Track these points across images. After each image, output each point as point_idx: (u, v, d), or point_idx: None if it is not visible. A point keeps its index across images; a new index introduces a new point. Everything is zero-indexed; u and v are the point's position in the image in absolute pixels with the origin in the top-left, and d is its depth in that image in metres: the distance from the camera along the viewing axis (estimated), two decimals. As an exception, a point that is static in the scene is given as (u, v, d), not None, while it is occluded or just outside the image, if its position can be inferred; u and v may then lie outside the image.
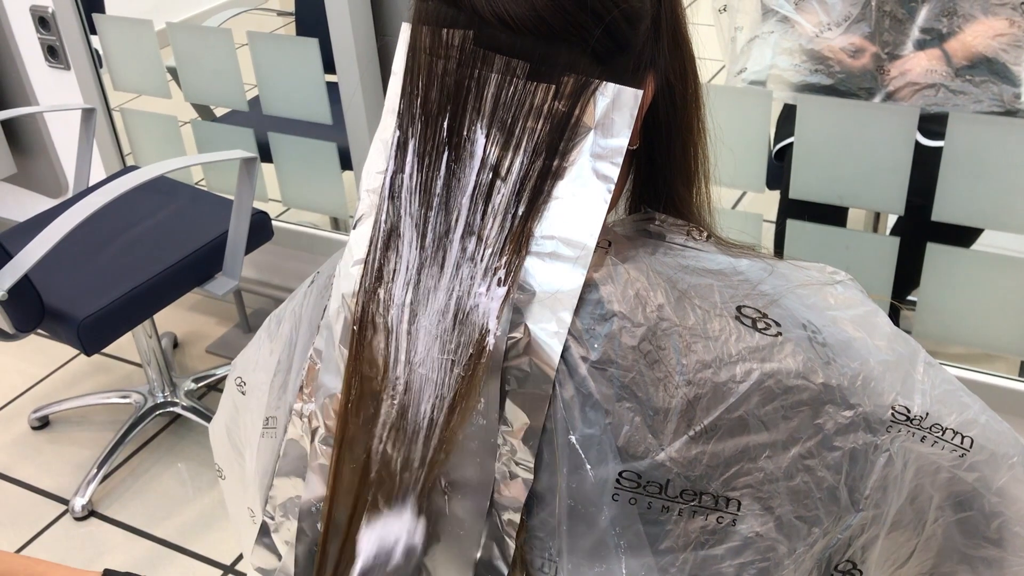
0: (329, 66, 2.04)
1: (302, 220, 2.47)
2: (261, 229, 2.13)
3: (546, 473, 0.66)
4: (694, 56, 0.71)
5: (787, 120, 2.00)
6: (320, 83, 2.08)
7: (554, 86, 0.63)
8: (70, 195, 2.32)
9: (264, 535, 0.81)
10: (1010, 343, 1.68)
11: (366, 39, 1.98)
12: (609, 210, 0.66)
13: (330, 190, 2.24)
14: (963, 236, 1.74)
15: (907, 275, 1.74)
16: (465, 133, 0.64)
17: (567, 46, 0.62)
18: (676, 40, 0.69)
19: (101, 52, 2.38)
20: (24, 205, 2.86)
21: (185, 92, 2.31)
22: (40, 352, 2.59)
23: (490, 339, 0.64)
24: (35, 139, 2.74)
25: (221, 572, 1.99)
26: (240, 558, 2.01)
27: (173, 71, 2.30)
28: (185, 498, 2.16)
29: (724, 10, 2.03)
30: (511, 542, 0.67)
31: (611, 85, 0.63)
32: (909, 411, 0.68)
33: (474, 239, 0.65)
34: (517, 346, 0.64)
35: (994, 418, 0.74)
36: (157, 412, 2.30)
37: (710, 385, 0.64)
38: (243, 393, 0.91)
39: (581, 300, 0.64)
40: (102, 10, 2.44)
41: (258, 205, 2.11)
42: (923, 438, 0.69)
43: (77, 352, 2.49)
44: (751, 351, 0.64)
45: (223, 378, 2.44)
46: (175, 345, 2.63)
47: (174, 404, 2.31)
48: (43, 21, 2.44)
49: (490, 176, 0.64)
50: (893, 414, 0.68)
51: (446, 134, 0.65)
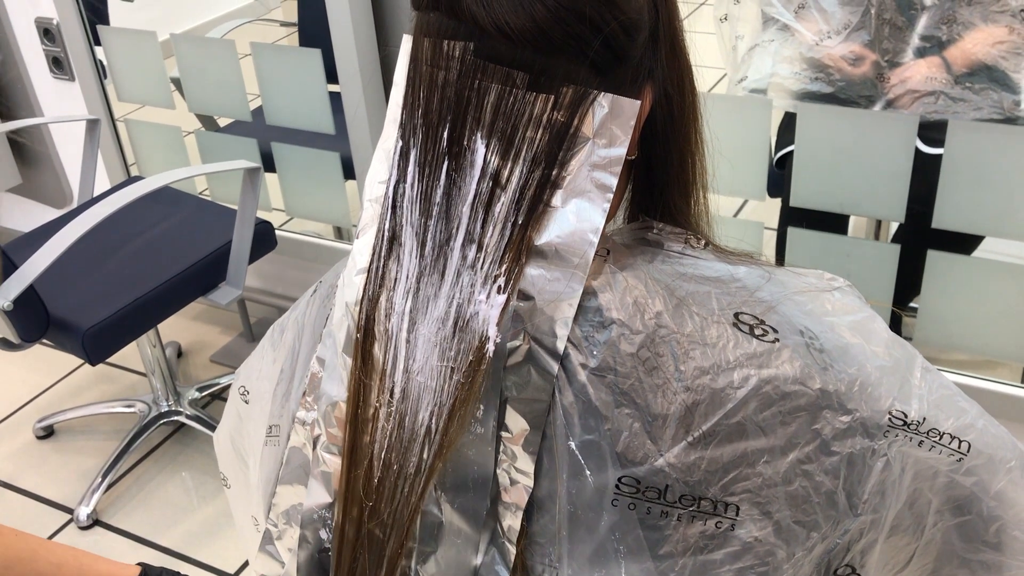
0: (332, 76, 2.05)
1: (305, 229, 2.48)
2: (265, 239, 2.14)
3: (546, 479, 0.67)
4: (691, 67, 0.72)
5: (788, 128, 2.01)
6: (323, 93, 2.09)
7: (553, 96, 0.63)
8: (75, 205, 2.34)
9: (267, 542, 0.82)
10: (1011, 350, 1.68)
11: (368, 49, 1.99)
12: (608, 219, 0.67)
13: (333, 200, 2.25)
14: (964, 243, 1.74)
15: (908, 282, 1.74)
16: (465, 143, 0.65)
17: (566, 57, 0.63)
18: (674, 51, 0.70)
19: (105, 63, 2.39)
20: (29, 215, 2.88)
21: (189, 103, 2.32)
22: (45, 362, 2.60)
23: (490, 346, 0.65)
24: (40, 150, 2.75)
25: (225, 581, 2.00)
26: (244, 566, 2.01)
27: (177, 82, 2.32)
28: (189, 507, 2.17)
29: (725, 19, 2.04)
30: (512, 548, 0.68)
31: (609, 96, 0.64)
32: (906, 416, 0.69)
33: (474, 247, 0.66)
34: (517, 353, 0.65)
35: (991, 422, 0.75)
36: (161, 421, 2.31)
37: (708, 391, 0.64)
38: (247, 402, 0.92)
39: (580, 308, 0.65)
40: (106, 22, 2.46)
41: (261, 215, 2.12)
42: (921, 443, 0.70)
43: (82, 362, 2.50)
44: (749, 357, 0.65)
45: (227, 387, 2.45)
46: (179, 354, 2.64)
47: (178, 413, 2.32)
48: (48, 33, 2.46)
49: (490, 185, 0.65)
50: (890, 419, 0.68)
51: (446, 144, 0.66)
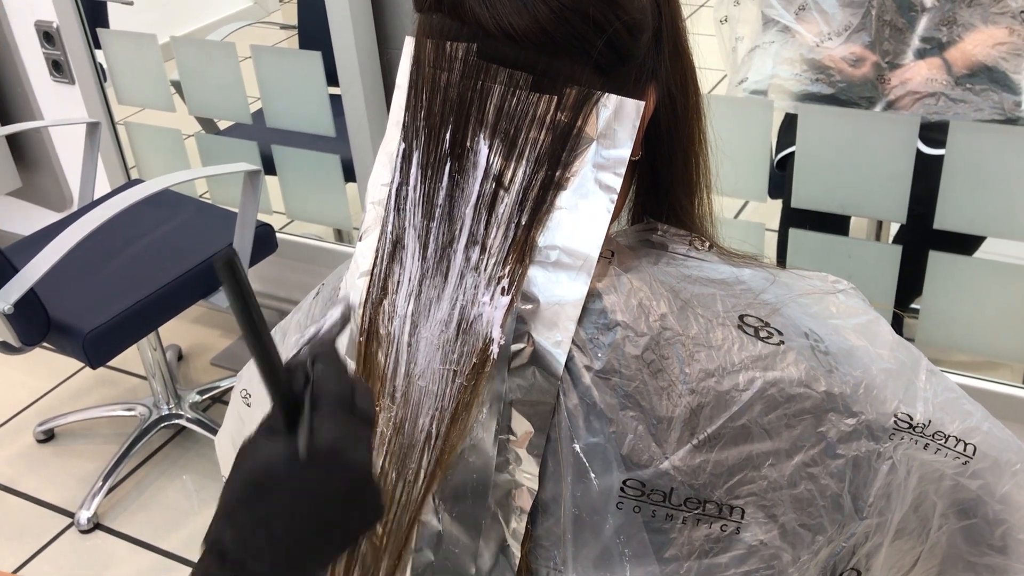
0: (332, 79, 2.05)
1: (306, 232, 2.48)
2: (265, 241, 2.14)
3: (551, 482, 0.66)
4: (695, 67, 0.72)
5: (788, 129, 2.01)
6: (323, 96, 2.09)
7: (556, 97, 0.63)
8: (75, 208, 2.33)
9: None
10: (1013, 350, 1.68)
11: (369, 52, 1.99)
12: (612, 220, 0.66)
13: (334, 202, 2.25)
14: (965, 244, 1.74)
15: (910, 283, 1.74)
16: (468, 144, 0.65)
17: (569, 58, 0.63)
18: (677, 51, 0.69)
19: (105, 66, 2.39)
20: (29, 219, 2.87)
21: (189, 105, 2.32)
22: (45, 365, 2.59)
23: (494, 348, 0.65)
24: (40, 153, 2.75)
25: (226, 584, 1.99)
26: (245, 570, 2.00)
27: (177, 84, 2.32)
28: (190, 510, 2.17)
29: (725, 21, 2.04)
30: (517, 552, 0.68)
31: (613, 96, 0.64)
32: (912, 419, 0.69)
33: (477, 249, 0.65)
34: (521, 355, 0.65)
35: (997, 425, 0.75)
36: (162, 424, 2.30)
37: (713, 394, 0.64)
38: (248, 405, 0.92)
39: (584, 310, 0.65)
40: (106, 25, 2.46)
41: (262, 217, 2.11)
42: (926, 446, 0.70)
43: (82, 365, 2.50)
44: (754, 360, 0.65)
45: (228, 390, 2.44)
46: (180, 357, 2.63)
47: (179, 416, 2.32)
48: (48, 36, 2.45)
49: (493, 186, 0.65)
50: (896, 422, 0.68)
51: (449, 145, 0.65)
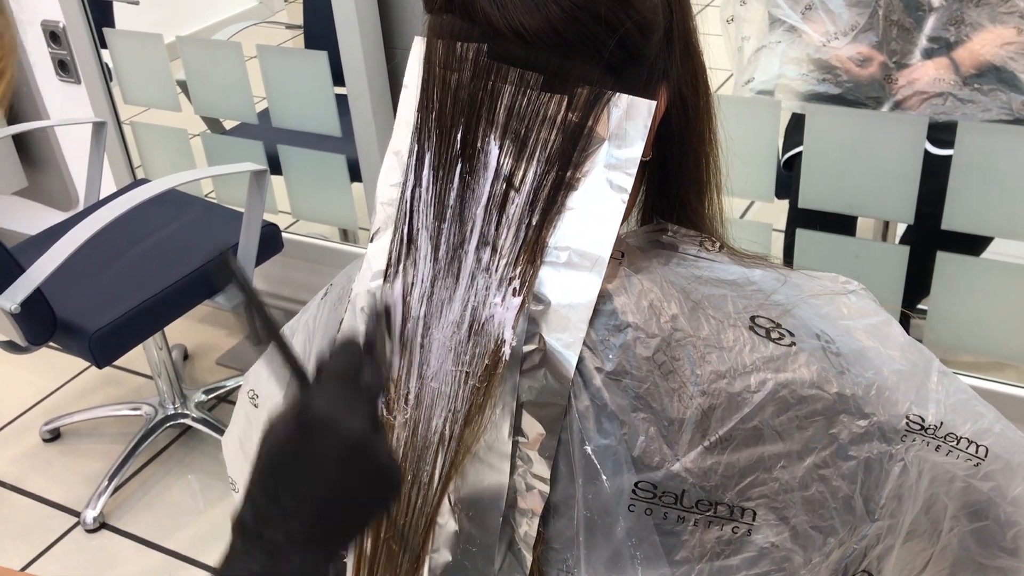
0: (338, 78, 2.05)
1: (312, 232, 2.48)
2: (271, 241, 2.14)
3: (562, 484, 0.66)
4: (706, 67, 0.72)
5: (795, 129, 2.00)
6: (329, 95, 2.09)
7: (567, 97, 0.63)
8: (81, 208, 2.33)
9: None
10: (1021, 351, 1.67)
11: (375, 51, 1.99)
12: (623, 220, 0.66)
13: (339, 202, 2.25)
14: (972, 244, 1.74)
15: (917, 284, 1.73)
16: (479, 145, 0.65)
17: (581, 58, 0.62)
18: (688, 51, 0.69)
19: (111, 66, 2.39)
20: (35, 218, 2.88)
21: (195, 105, 2.32)
22: (51, 364, 2.60)
23: (506, 349, 0.64)
24: (46, 153, 2.75)
25: (232, 584, 1.99)
26: (251, 570, 2.00)
27: (183, 84, 2.32)
28: (196, 510, 2.17)
29: (731, 20, 2.04)
30: (528, 554, 0.68)
31: (624, 96, 0.64)
32: (923, 420, 0.68)
33: (489, 249, 0.65)
34: (532, 357, 0.65)
35: (1009, 427, 0.74)
36: (168, 424, 2.30)
37: (724, 395, 0.64)
38: (256, 406, 0.92)
39: (595, 311, 0.65)
40: (112, 24, 2.46)
41: (268, 217, 2.11)
42: (938, 447, 0.69)
43: (88, 364, 2.50)
44: (765, 361, 0.65)
45: (233, 390, 2.45)
46: (185, 357, 2.63)
47: (184, 416, 2.32)
48: (54, 36, 2.46)
49: (504, 187, 0.65)
50: (908, 423, 0.68)
51: (460, 146, 0.65)
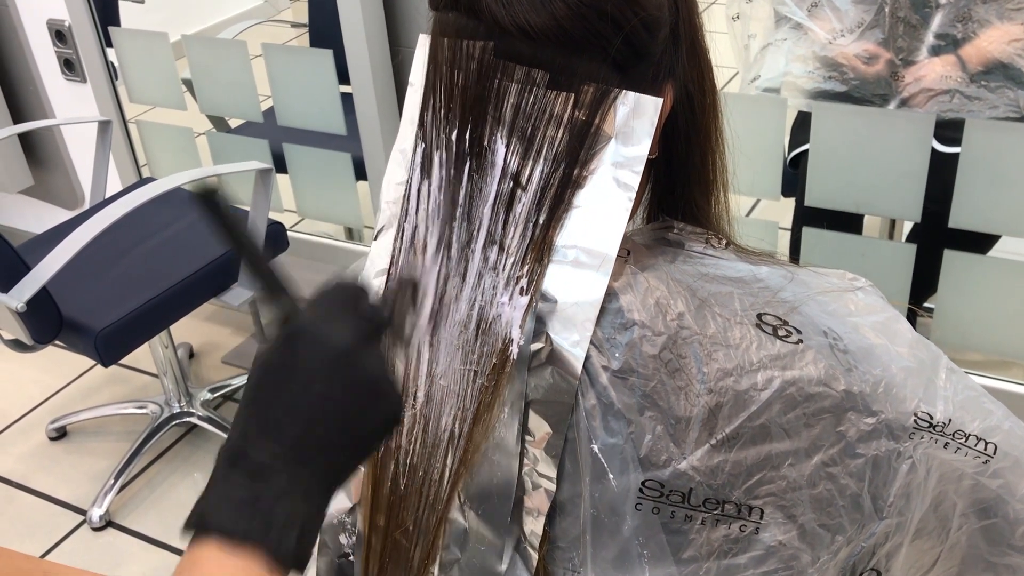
0: (343, 77, 2.05)
1: (317, 231, 2.48)
2: (276, 240, 2.14)
3: (568, 483, 0.66)
4: (712, 65, 0.71)
5: (801, 127, 2.00)
6: (334, 94, 2.09)
7: (574, 95, 0.63)
8: (86, 207, 2.34)
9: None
10: (1028, 350, 1.67)
11: (380, 50, 1.99)
12: (629, 218, 0.66)
13: (345, 200, 2.25)
14: (979, 242, 1.73)
15: (924, 282, 1.73)
16: (486, 143, 0.64)
17: (587, 55, 0.62)
18: (694, 48, 0.69)
19: (117, 65, 2.39)
20: (41, 217, 2.88)
21: (200, 104, 2.32)
22: (57, 363, 2.60)
23: (513, 348, 0.64)
24: (52, 151, 2.75)
25: (238, 582, 1.99)
26: (257, 568, 2.01)
27: (188, 83, 2.32)
28: (202, 508, 2.17)
29: (737, 18, 2.03)
30: (534, 553, 0.67)
31: (631, 94, 0.63)
32: (932, 417, 0.68)
33: (496, 248, 0.65)
34: (539, 355, 0.64)
35: (1018, 424, 0.74)
36: (173, 422, 2.31)
37: (731, 393, 0.63)
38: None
39: (602, 309, 0.64)
40: (118, 23, 2.46)
41: (273, 216, 2.11)
42: (946, 444, 0.69)
43: (94, 363, 2.50)
44: (772, 359, 0.64)
45: (239, 388, 2.45)
46: (191, 355, 2.64)
47: (190, 414, 2.32)
48: (60, 35, 2.46)
49: (511, 185, 0.64)
50: (916, 420, 0.67)
51: (467, 144, 0.65)
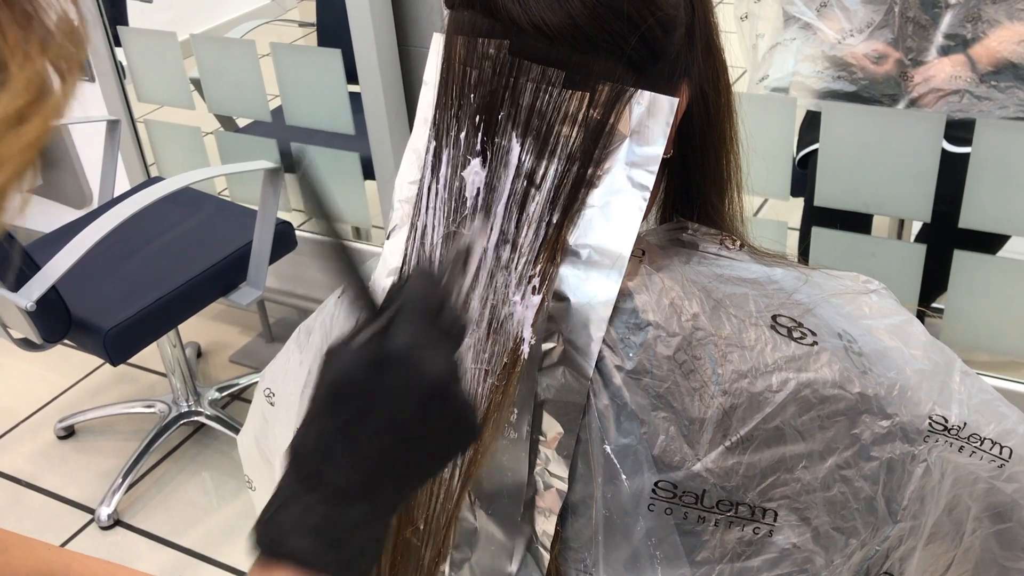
0: (351, 76, 2.05)
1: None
2: (285, 239, 2.14)
3: (581, 483, 0.66)
4: (727, 64, 0.71)
5: (810, 127, 1.99)
6: (343, 93, 2.09)
7: (589, 94, 0.62)
8: (95, 206, 2.34)
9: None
10: (1038, 351, 1.66)
11: (389, 49, 1.99)
12: (643, 218, 0.65)
13: (353, 200, 2.25)
14: (989, 243, 1.73)
15: (933, 282, 1.72)
16: (500, 142, 0.64)
17: (603, 54, 0.62)
18: (710, 48, 0.69)
19: (125, 64, 2.39)
20: (49, 216, 2.89)
21: (208, 103, 2.32)
22: (66, 362, 2.61)
23: (524, 348, 0.64)
24: (60, 151, 2.76)
25: (245, 581, 1.99)
26: (264, 567, 2.01)
27: (196, 82, 2.32)
28: (209, 507, 2.17)
29: (745, 17, 2.03)
30: (546, 553, 0.67)
31: (646, 93, 0.63)
32: (947, 421, 0.68)
33: (508, 247, 0.65)
34: (551, 355, 0.64)
35: (1033, 428, 0.73)
36: (181, 421, 2.31)
37: (746, 395, 0.63)
38: (272, 404, 0.91)
39: (615, 309, 0.64)
40: (126, 22, 2.46)
41: (281, 215, 2.11)
42: (961, 448, 0.69)
43: (102, 362, 2.51)
44: (787, 361, 0.64)
45: (247, 387, 2.45)
46: (199, 355, 2.64)
47: (198, 413, 2.32)
48: (68, 34, 2.46)
49: (524, 184, 0.64)
50: (931, 424, 0.67)
51: (480, 143, 0.65)
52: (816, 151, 1.73)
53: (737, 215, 0.77)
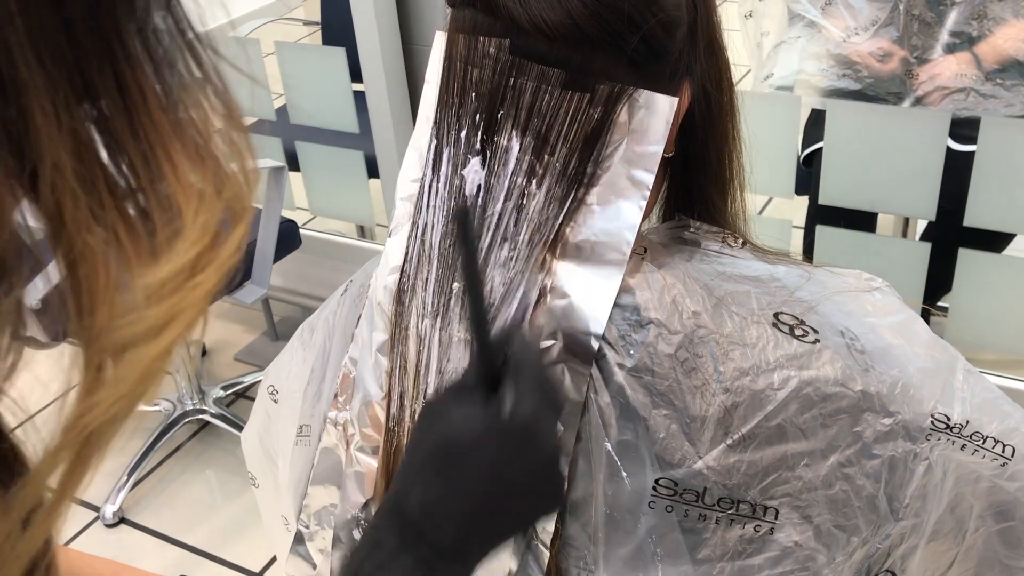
0: (356, 75, 2.05)
1: (329, 228, 2.48)
2: (289, 237, 2.14)
3: (582, 481, 0.66)
4: (729, 63, 0.71)
5: (815, 125, 1.99)
6: (347, 92, 2.09)
7: (589, 94, 0.62)
8: (100, 204, 2.34)
9: (298, 543, 0.81)
10: (1044, 350, 1.66)
11: (393, 47, 1.99)
12: (643, 218, 0.65)
13: (357, 198, 2.25)
14: (994, 241, 1.72)
15: (938, 280, 1.72)
16: (499, 140, 0.64)
17: (603, 54, 0.62)
18: (712, 47, 0.68)
19: (130, 63, 2.40)
20: (54, 214, 2.89)
21: (213, 102, 2.32)
22: (71, 360, 2.61)
23: (525, 346, 0.64)
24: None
25: (250, 579, 2.00)
26: (269, 565, 2.01)
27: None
28: (214, 505, 2.17)
29: (750, 16, 2.03)
30: (546, 551, 0.67)
31: (646, 92, 0.63)
32: (949, 419, 0.67)
33: (508, 245, 0.65)
34: (551, 353, 0.64)
35: (1035, 426, 0.73)
36: (186, 419, 2.31)
37: (748, 393, 0.63)
38: (276, 401, 0.92)
39: (617, 306, 0.64)
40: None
41: (285, 213, 2.12)
42: (963, 446, 0.68)
43: (107, 360, 2.51)
44: (789, 358, 0.64)
45: (251, 385, 2.45)
46: (203, 353, 2.64)
47: (203, 411, 2.33)
48: (73, 33, 2.47)
49: (524, 182, 0.64)
50: (933, 422, 0.67)
51: (480, 142, 0.65)
52: (821, 149, 1.73)
53: (740, 214, 0.76)
